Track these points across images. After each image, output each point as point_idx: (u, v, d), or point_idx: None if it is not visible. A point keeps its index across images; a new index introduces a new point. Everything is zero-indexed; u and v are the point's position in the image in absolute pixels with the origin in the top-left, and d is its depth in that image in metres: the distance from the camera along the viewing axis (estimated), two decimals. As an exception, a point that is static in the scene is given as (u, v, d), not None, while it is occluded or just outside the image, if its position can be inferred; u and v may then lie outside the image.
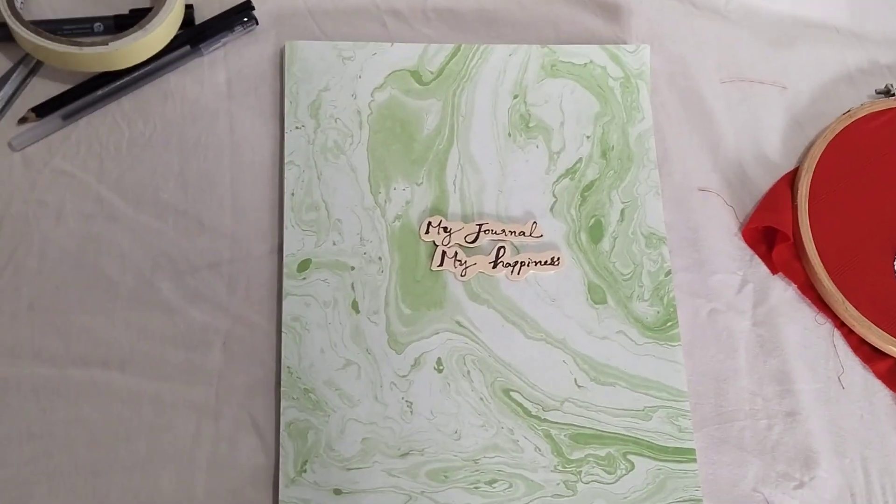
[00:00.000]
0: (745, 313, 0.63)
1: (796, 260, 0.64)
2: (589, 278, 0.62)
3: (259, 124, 0.64)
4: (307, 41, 0.66)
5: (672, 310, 0.61)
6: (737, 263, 0.64)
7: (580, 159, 0.65)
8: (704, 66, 0.69)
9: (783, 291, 0.64)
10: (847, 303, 0.62)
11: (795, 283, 0.63)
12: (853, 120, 0.67)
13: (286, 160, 0.62)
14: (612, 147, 0.65)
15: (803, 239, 0.63)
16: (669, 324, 0.61)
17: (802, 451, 0.60)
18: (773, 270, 0.64)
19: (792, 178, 0.66)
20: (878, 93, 0.69)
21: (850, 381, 0.62)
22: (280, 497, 0.55)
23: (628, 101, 0.66)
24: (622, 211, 0.63)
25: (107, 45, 0.61)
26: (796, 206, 0.64)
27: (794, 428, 0.60)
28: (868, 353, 0.62)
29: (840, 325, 0.63)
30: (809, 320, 0.63)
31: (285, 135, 0.63)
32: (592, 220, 0.63)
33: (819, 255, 0.63)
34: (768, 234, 0.64)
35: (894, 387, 0.61)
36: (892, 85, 0.69)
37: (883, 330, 0.61)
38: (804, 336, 0.63)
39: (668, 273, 0.62)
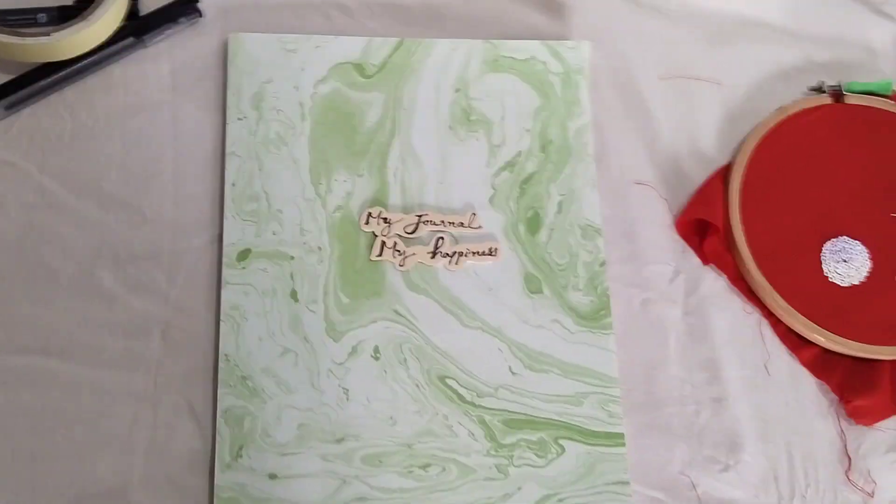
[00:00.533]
0: (677, 303, 0.65)
1: (727, 251, 0.66)
2: (526, 269, 0.63)
3: (202, 116, 0.64)
4: (251, 34, 0.66)
5: (606, 299, 0.63)
6: (670, 255, 0.66)
7: (520, 153, 0.66)
8: (644, 62, 0.71)
9: (714, 282, 0.65)
10: (775, 293, 0.64)
11: (726, 273, 0.65)
12: (786, 116, 0.69)
13: (228, 151, 0.63)
14: (551, 141, 0.66)
15: (734, 231, 0.65)
16: (603, 313, 0.62)
17: (729, 435, 0.62)
18: (705, 261, 0.66)
19: (725, 173, 0.68)
20: (812, 90, 0.71)
21: (776, 368, 0.64)
22: (215, 482, 0.56)
23: (568, 97, 0.68)
24: (560, 203, 0.65)
25: (49, 35, 0.61)
26: (728, 200, 0.66)
27: (721, 413, 0.62)
28: (794, 342, 0.64)
29: (768, 314, 0.65)
30: (738, 310, 0.65)
31: (227, 126, 0.64)
32: (530, 212, 0.65)
33: (749, 247, 0.65)
34: (700, 227, 0.66)
35: (819, 374, 0.64)
36: (824, 82, 0.71)
37: (809, 319, 0.63)
38: (733, 325, 0.65)
39: (603, 264, 0.64)
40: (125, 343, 0.59)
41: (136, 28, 0.64)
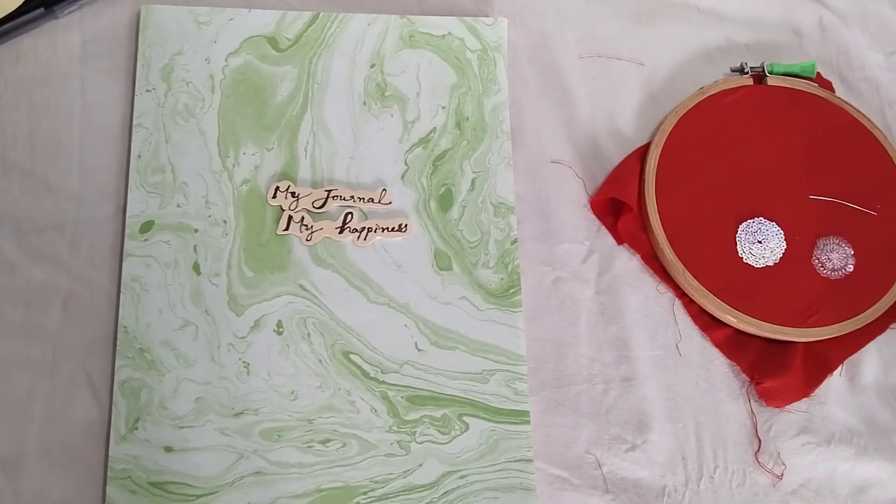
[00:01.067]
0: (589, 282, 0.64)
1: (641, 231, 0.66)
2: (436, 245, 0.63)
3: (111, 88, 0.64)
4: (163, 5, 0.66)
5: (516, 277, 0.62)
6: (584, 234, 0.65)
7: (434, 129, 0.65)
8: (564, 41, 0.70)
9: (627, 262, 0.65)
10: (687, 273, 0.63)
11: (639, 253, 0.65)
12: (706, 96, 0.69)
13: (135, 123, 0.63)
14: (467, 118, 0.66)
15: (648, 211, 0.65)
16: (512, 290, 0.62)
17: (636, 415, 0.61)
18: (619, 241, 0.65)
19: (643, 153, 0.67)
20: (734, 71, 0.71)
21: (687, 349, 0.63)
22: (110, 453, 0.55)
23: (485, 74, 0.67)
24: (473, 181, 0.64)
25: (-47, 3, 0.61)
26: (644, 179, 0.66)
27: (629, 393, 0.62)
28: (706, 322, 0.64)
29: (681, 294, 0.64)
30: (651, 290, 0.65)
31: (135, 97, 0.63)
32: (443, 189, 0.64)
33: (663, 227, 0.64)
34: (616, 206, 0.66)
35: (730, 355, 0.63)
36: (746, 63, 0.70)
37: (721, 300, 0.63)
38: (645, 305, 0.64)
39: (515, 242, 0.63)
40: (25, 313, 0.58)
41: (47, -2, 0.64)
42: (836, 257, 0.65)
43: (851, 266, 0.65)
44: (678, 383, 0.62)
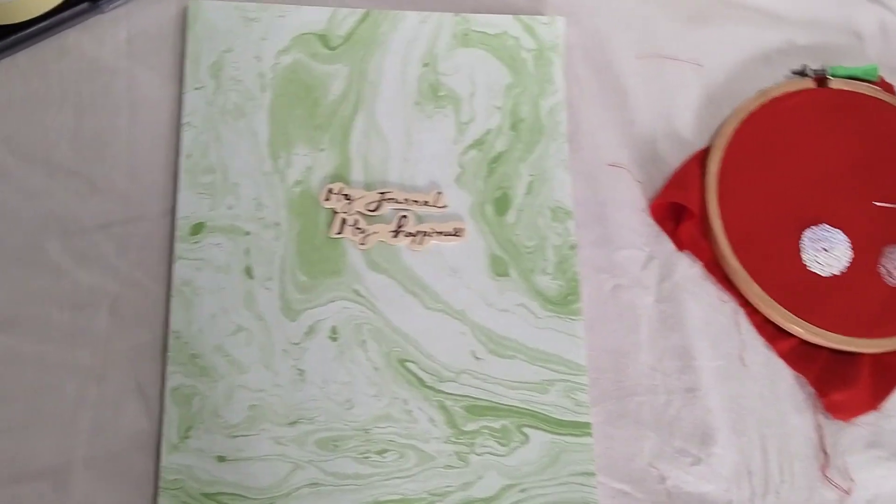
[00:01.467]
0: (650, 289, 0.62)
1: (703, 237, 0.64)
2: (492, 250, 0.61)
3: (159, 84, 0.62)
4: (212, 1, 0.64)
5: (575, 284, 0.60)
6: (643, 239, 0.63)
7: (489, 130, 0.64)
8: (621, 41, 0.68)
9: (688, 268, 0.63)
10: (752, 281, 0.61)
11: (701, 260, 0.63)
12: (767, 99, 0.67)
13: (184, 121, 0.61)
14: (523, 119, 0.64)
15: (710, 216, 0.63)
16: (571, 298, 0.60)
17: (700, 427, 0.59)
18: (680, 247, 0.63)
19: (703, 156, 0.65)
20: (794, 73, 0.69)
21: (752, 359, 0.61)
22: (161, 463, 0.53)
23: (541, 74, 0.65)
24: (529, 184, 0.63)
25: (-1, -3, 0.59)
26: (705, 184, 0.64)
27: (692, 404, 0.60)
28: (771, 333, 0.62)
29: (744, 303, 0.62)
30: (713, 298, 0.63)
31: (184, 95, 0.61)
32: (499, 192, 0.62)
33: (725, 233, 0.62)
34: (676, 211, 0.64)
35: (796, 366, 0.61)
36: (807, 66, 0.68)
37: (786, 309, 0.61)
38: (707, 313, 0.62)
39: (573, 247, 0.61)
40: (72, 317, 0.56)
41: (93, -8, 0.62)
42: (905, 265, 0.63)
43: None
44: (742, 395, 0.60)
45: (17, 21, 0.60)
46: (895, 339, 0.61)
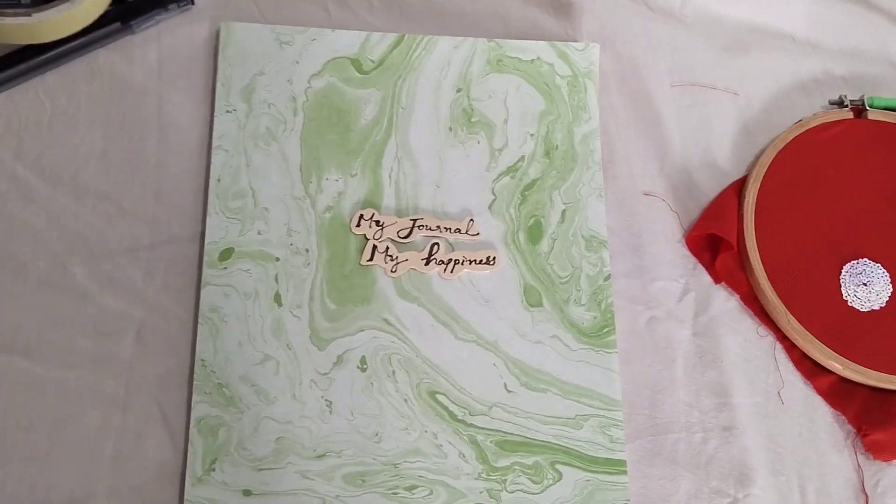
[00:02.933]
0: (686, 322, 0.61)
1: (740, 270, 0.62)
2: (525, 280, 0.59)
3: (189, 107, 0.61)
4: (244, 23, 0.63)
5: (609, 316, 0.59)
6: (679, 271, 0.62)
7: (522, 157, 0.62)
8: (656, 68, 0.67)
9: (725, 302, 0.62)
10: (790, 315, 0.60)
11: (738, 293, 0.62)
12: (804, 129, 0.66)
13: (214, 145, 0.60)
14: (557, 146, 0.63)
15: (748, 248, 0.62)
16: (606, 330, 0.59)
17: (737, 466, 0.58)
18: (716, 280, 0.62)
19: (740, 187, 0.64)
20: (832, 103, 0.68)
21: (790, 396, 0.60)
22: (185, 496, 0.52)
23: (575, 101, 0.64)
24: (563, 212, 0.61)
25: (30, 16, 0.58)
26: (742, 215, 0.62)
27: (729, 443, 0.58)
28: (809, 369, 0.60)
29: (782, 338, 0.61)
30: (751, 332, 0.61)
31: (215, 118, 0.60)
32: (532, 221, 0.61)
33: (763, 266, 0.61)
34: (712, 242, 0.63)
35: (835, 404, 0.60)
36: (845, 96, 0.67)
37: (825, 344, 0.59)
38: (745, 348, 0.61)
39: (608, 278, 0.60)
40: (96, 343, 0.55)
41: (124, 12, 0.61)
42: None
43: None
44: (780, 433, 0.59)
45: (46, 40, 0.59)
46: (937, 376, 0.60)
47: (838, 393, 0.60)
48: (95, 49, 0.61)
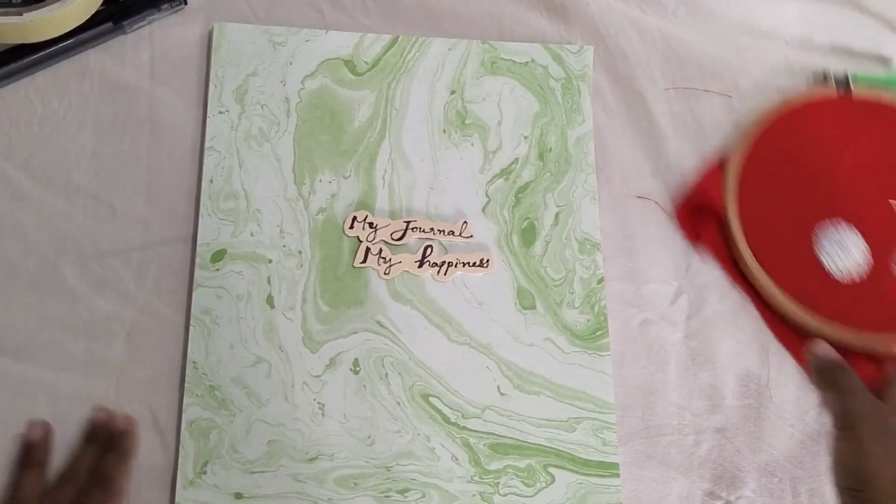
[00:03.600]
0: (678, 325, 0.61)
1: (723, 242, 0.63)
2: (518, 282, 0.59)
3: (181, 107, 0.61)
4: (237, 24, 0.63)
5: (602, 318, 0.59)
6: (672, 273, 0.62)
7: (516, 160, 0.62)
8: (650, 70, 0.67)
9: (718, 304, 0.62)
10: (770, 280, 0.60)
11: (720, 260, 0.62)
12: (790, 108, 0.66)
13: (206, 146, 0.59)
14: (550, 149, 0.63)
15: (729, 217, 0.62)
16: (599, 333, 0.59)
17: (730, 468, 0.58)
18: (702, 254, 0.62)
19: (724, 162, 0.64)
20: (816, 79, 0.68)
21: (782, 397, 0.60)
22: (176, 499, 0.52)
23: (569, 103, 0.64)
24: (557, 215, 0.61)
25: (21, 15, 0.58)
26: (726, 187, 0.63)
27: (722, 445, 0.58)
28: (788, 335, 0.61)
29: (761, 305, 0.61)
30: (743, 334, 0.61)
31: (207, 119, 0.60)
32: (525, 223, 0.61)
33: (745, 234, 0.62)
34: (699, 215, 0.63)
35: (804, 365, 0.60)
36: (829, 71, 0.68)
37: (802, 309, 0.60)
38: (737, 350, 0.61)
39: (601, 281, 0.60)
40: (87, 345, 0.55)
41: (116, 12, 0.61)
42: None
43: None
44: (773, 434, 0.59)
45: (37, 40, 0.59)
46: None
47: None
48: (87, 49, 0.61)
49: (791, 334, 0.61)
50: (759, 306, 0.61)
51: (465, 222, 0.60)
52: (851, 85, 0.67)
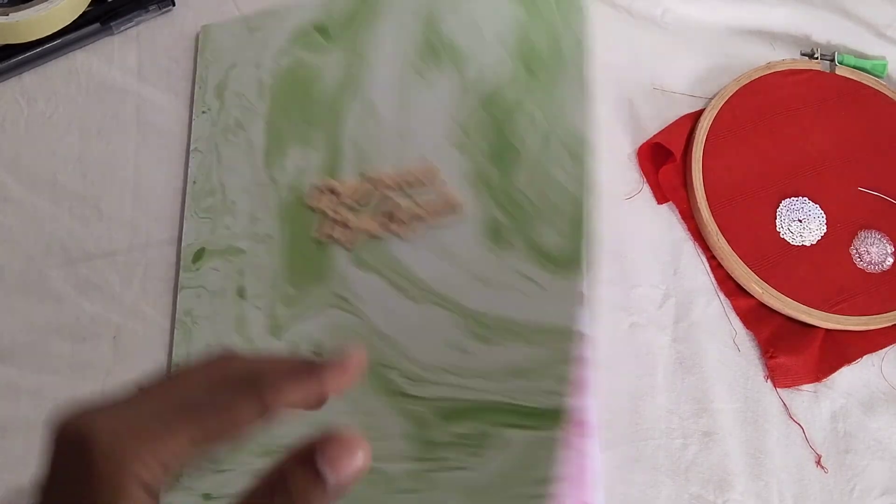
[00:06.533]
0: (666, 329, 0.61)
1: (682, 187, 0.63)
2: (493, 216, 0.55)
3: (169, 109, 0.61)
4: (221, 23, 0.62)
5: (580, 238, 0.54)
6: (660, 277, 0.62)
7: (498, 83, 0.58)
8: (637, 75, 0.66)
9: (705, 307, 0.61)
10: (720, 235, 0.61)
11: (678, 208, 0.63)
12: (771, 71, 0.66)
13: (192, 147, 0.59)
14: (540, 60, 0.58)
15: (692, 167, 0.62)
16: (580, 255, 0.54)
17: (717, 472, 0.58)
18: (660, 199, 0.63)
19: (699, 114, 0.65)
20: (803, 55, 0.68)
21: (768, 401, 0.60)
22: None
23: (564, 5, 0.59)
24: (546, 133, 0.56)
25: (7, 15, 0.58)
26: (694, 136, 0.63)
27: (709, 448, 0.58)
28: (732, 289, 0.61)
29: (710, 256, 0.62)
30: (730, 338, 0.61)
31: (193, 121, 0.60)
32: (507, 148, 0.56)
33: (704, 186, 0.62)
34: (660, 159, 0.63)
35: (750, 325, 0.60)
36: (818, 48, 0.68)
37: (749, 268, 0.60)
38: (724, 354, 0.60)
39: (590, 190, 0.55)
40: (73, 348, 0.55)
41: (103, 13, 0.61)
42: (875, 251, 0.62)
43: (890, 263, 0.62)
44: (759, 438, 0.59)
45: (24, 41, 0.59)
46: (853, 318, 0.60)
47: (756, 317, 0.61)
48: (74, 50, 0.61)
49: (734, 288, 0.61)
50: (708, 257, 0.62)
51: (435, 168, 0.56)
52: (837, 64, 0.67)
